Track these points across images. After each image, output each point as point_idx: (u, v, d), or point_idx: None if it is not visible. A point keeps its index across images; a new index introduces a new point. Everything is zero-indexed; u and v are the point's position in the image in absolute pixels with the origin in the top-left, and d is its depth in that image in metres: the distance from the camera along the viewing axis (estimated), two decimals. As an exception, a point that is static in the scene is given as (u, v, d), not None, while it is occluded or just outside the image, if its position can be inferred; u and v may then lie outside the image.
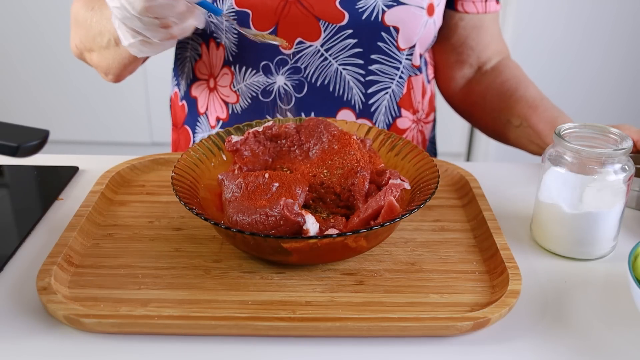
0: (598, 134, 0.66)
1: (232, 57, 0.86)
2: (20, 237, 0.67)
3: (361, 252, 0.62)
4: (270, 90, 0.87)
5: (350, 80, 0.87)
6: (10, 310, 0.56)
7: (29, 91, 2.22)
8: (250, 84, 0.87)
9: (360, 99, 0.88)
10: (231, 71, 0.87)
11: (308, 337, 0.54)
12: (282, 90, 0.87)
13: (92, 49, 0.81)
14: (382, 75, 0.88)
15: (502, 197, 0.77)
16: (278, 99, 0.87)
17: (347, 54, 0.85)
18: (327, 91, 0.87)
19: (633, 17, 2.04)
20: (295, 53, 0.84)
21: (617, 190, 0.63)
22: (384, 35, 0.85)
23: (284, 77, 0.86)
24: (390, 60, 0.87)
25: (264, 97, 0.87)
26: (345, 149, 0.67)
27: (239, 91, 0.88)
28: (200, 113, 0.93)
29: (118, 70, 0.82)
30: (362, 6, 0.82)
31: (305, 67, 0.85)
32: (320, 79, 0.86)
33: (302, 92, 0.87)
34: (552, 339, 0.55)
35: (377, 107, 0.90)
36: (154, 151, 0.90)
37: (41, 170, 0.81)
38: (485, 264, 0.63)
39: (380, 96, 0.89)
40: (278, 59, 0.85)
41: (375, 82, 0.88)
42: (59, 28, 2.12)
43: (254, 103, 0.88)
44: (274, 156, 0.71)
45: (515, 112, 0.90)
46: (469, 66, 0.97)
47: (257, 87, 0.87)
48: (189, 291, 0.58)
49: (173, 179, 0.63)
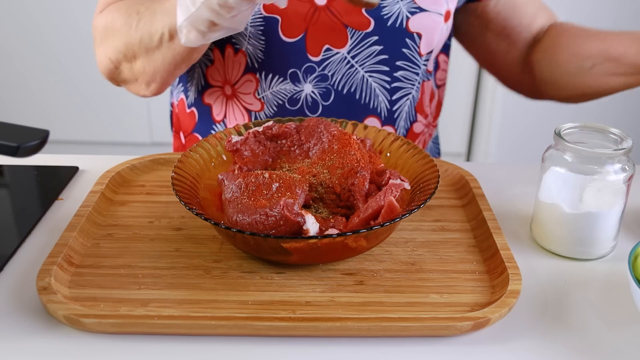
0: (598, 134, 0.66)
1: (257, 64, 0.85)
2: (20, 237, 0.67)
3: (361, 252, 0.62)
4: (298, 98, 0.86)
5: (377, 87, 0.87)
6: (10, 310, 0.56)
7: (29, 91, 2.22)
8: (276, 91, 0.85)
9: (385, 106, 0.88)
10: (256, 78, 0.86)
11: (308, 337, 0.54)
12: (309, 98, 0.86)
13: (137, 55, 0.77)
14: (405, 81, 0.88)
15: (502, 197, 0.77)
16: (305, 108, 0.86)
17: (373, 60, 0.85)
18: (353, 99, 0.87)
19: (633, 17, 2.03)
20: (323, 60, 0.83)
21: (617, 190, 0.63)
22: (408, 42, 0.85)
23: (311, 85, 0.85)
24: (412, 66, 0.88)
25: (290, 106, 0.86)
26: (345, 149, 0.67)
27: (264, 99, 0.86)
28: (217, 121, 0.91)
29: (166, 73, 0.78)
30: (387, 13, 0.82)
31: (332, 75, 0.84)
32: (347, 86, 0.85)
33: (329, 101, 0.86)
34: (552, 339, 0.55)
35: (400, 113, 0.90)
36: (154, 151, 0.90)
37: (41, 170, 0.81)
38: (485, 264, 0.63)
39: (402, 102, 0.89)
40: (306, 66, 0.84)
41: (399, 89, 0.88)
42: (59, 28, 2.12)
43: (280, 111, 0.87)
44: (274, 156, 0.71)
45: (582, 55, 0.86)
46: (523, 44, 0.94)
47: (283, 95, 0.86)
48: (189, 291, 0.58)
49: (173, 179, 0.63)
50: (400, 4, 0.82)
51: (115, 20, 0.78)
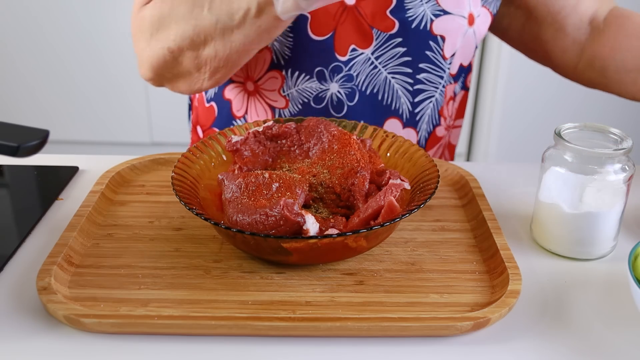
0: (598, 134, 0.66)
1: (283, 61, 0.84)
2: (20, 237, 0.67)
3: (361, 252, 0.62)
4: (323, 97, 0.85)
5: (399, 89, 0.87)
6: (10, 310, 0.56)
7: (29, 91, 2.22)
8: (302, 89, 0.85)
9: (407, 108, 0.88)
10: (281, 75, 0.85)
11: (308, 337, 0.54)
12: (335, 98, 0.86)
13: (209, 39, 0.70)
14: (429, 84, 0.88)
15: (502, 197, 0.77)
16: (330, 107, 0.86)
17: (396, 62, 0.85)
18: (375, 100, 0.87)
19: (633, 17, 2.03)
20: (349, 60, 0.83)
21: (617, 190, 0.63)
22: (432, 44, 0.85)
23: (337, 84, 0.85)
24: (436, 69, 0.87)
25: (315, 104, 0.86)
26: (345, 149, 0.67)
27: (289, 96, 0.86)
28: (237, 117, 0.91)
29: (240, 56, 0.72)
30: (412, 15, 0.82)
31: (357, 75, 0.84)
32: (370, 87, 0.86)
33: (354, 101, 0.86)
34: (552, 339, 0.55)
35: (422, 115, 0.90)
36: (154, 151, 0.90)
37: (41, 170, 0.81)
38: (485, 264, 0.63)
39: (425, 105, 0.89)
40: (333, 65, 0.83)
41: (422, 91, 0.88)
42: (60, 28, 2.12)
43: (304, 109, 0.87)
44: (274, 156, 0.71)
45: None
46: (574, 28, 0.89)
47: (309, 94, 0.85)
48: (189, 291, 0.58)
49: (173, 179, 0.63)
50: (425, 6, 0.82)
51: (176, 7, 0.72)
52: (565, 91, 2.14)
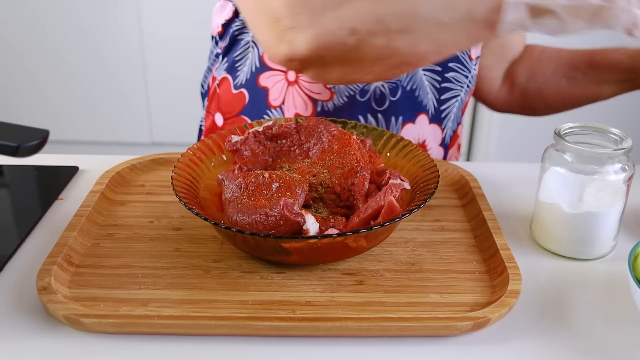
0: (598, 134, 0.66)
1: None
2: (20, 237, 0.67)
3: (361, 252, 0.62)
4: (367, 89, 0.86)
5: (428, 85, 0.88)
6: (10, 310, 0.56)
7: (29, 91, 2.22)
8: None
9: (433, 105, 0.90)
10: None
11: (308, 337, 0.54)
12: (377, 91, 0.86)
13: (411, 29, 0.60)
14: (455, 82, 0.90)
15: (502, 197, 0.77)
16: (372, 100, 0.87)
17: None
18: (412, 96, 0.88)
19: (633, 17, 2.03)
20: None
21: (617, 190, 0.63)
22: None
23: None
24: (463, 69, 0.90)
25: (360, 97, 0.87)
26: (345, 149, 0.67)
27: (334, 88, 0.86)
28: (273, 106, 0.89)
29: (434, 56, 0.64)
30: None
31: None
32: (410, 83, 0.87)
33: (396, 96, 0.87)
34: (552, 339, 0.55)
35: (448, 114, 0.92)
36: (154, 151, 0.90)
37: (41, 170, 0.81)
38: (485, 263, 0.63)
39: (451, 103, 0.91)
40: None
41: (448, 90, 0.90)
42: (60, 28, 2.12)
43: (349, 102, 0.87)
44: (274, 156, 0.71)
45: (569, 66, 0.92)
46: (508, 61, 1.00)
47: (356, 86, 0.86)
48: (189, 291, 0.58)
49: (173, 178, 0.63)
50: None
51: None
52: (565, 91, 2.13)
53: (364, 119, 0.88)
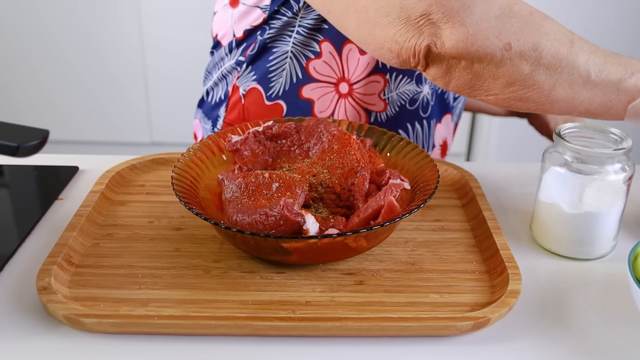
0: (598, 134, 0.66)
1: (389, 65, 0.79)
2: (20, 237, 0.67)
3: (361, 252, 0.62)
4: (416, 98, 0.88)
5: None
6: (10, 310, 0.56)
7: (29, 91, 2.22)
8: (402, 92, 0.87)
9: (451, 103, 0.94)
10: (384, 79, 0.85)
11: (308, 337, 0.54)
12: (424, 100, 0.88)
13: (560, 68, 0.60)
14: None
15: (502, 197, 0.77)
16: (420, 108, 0.88)
17: None
18: (442, 97, 0.91)
19: (633, 17, 2.04)
20: None
21: (617, 190, 0.63)
22: None
23: (428, 86, 0.87)
24: None
25: (409, 106, 0.88)
26: (345, 149, 0.67)
27: (388, 99, 0.87)
28: None
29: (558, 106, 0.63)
30: None
31: None
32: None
33: (433, 101, 0.89)
34: (552, 338, 0.55)
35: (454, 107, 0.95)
36: (154, 151, 0.90)
37: (41, 170, 0.81)
38: (485, 263, 0.63)
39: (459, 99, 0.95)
40: None
41: None
42: (60, 28, 2.13)
43: (400, 111, 0.88)
44: (274, 156, 0.71)
45: None
46: None
47: (407, 96, 0.87)
48: (189, 291, 0.58)
49: (173, 178, 0.63)
50: None
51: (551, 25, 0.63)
52: (565, 91, 2.13)
53: (412, 126, 0.90)
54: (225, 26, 0.91)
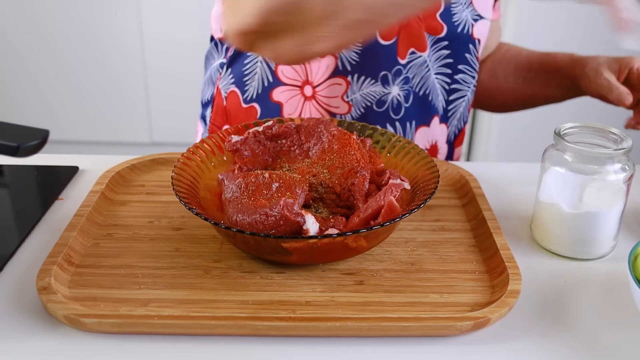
0: (598, 134, 0.66)
1: (349, 67, 0.85)
2: (20, 237, 0.67)
3: (361, 252, 0.62)
4: (385, 100, 0.87)
5: (439, 88, 0.91)
6: (10, 310, 0.56)
7: (29, 91, 2.22)
8: (366, 94, 0.87)
9: (442, 106, 0.93)
10: (346, 81, 0.86)
11: (308, 337, 0.54)
12: (395, 101, 0.88)
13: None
14: (464, 84, 0.93)
15: (502, 197, 0.77)
16: (390, 110, 0.88)
17: (440, 63, 0.89)
18: (426, 100, 0.90)
19: (633, 17, 2.03)
20: (408, 63, 0.86)
21: (617, 190, 0.63)
22: (471, 47, 0.90)
23: (397, 87, 0.87)
24: (471, 70, 0.93)
25: (377, 108, 0.88)
26: (345, 149, 0.67)
27: (352, 101, 0.87)
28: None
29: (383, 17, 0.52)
30: (457, 20, 0.87)
31: (412, 77, 0.87)
32: (423, 89, 0.89)
33: (409, 103, 0.89)
34: (552, 339, 0.55)
35: (454, 112, 0.95)
36: (154, 151, 0.90)
37: (41, 170, 0.81)
38: (485, 263, 0.63)
39: (458, 103, 0.94)
40: (395, 69, 0.85)
41: (456, 90, 0.93)
42: (60, 28, 2.12)
43: (366, 113, 0.88)
44: (274, 156, 0.71)
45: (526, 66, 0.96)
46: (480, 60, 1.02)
47: (372, 97, 0.87)
48: (189, 291, 0.58)
49: (173, 178, 0.63)
50: (466, 11, 0.87)
51: None
52: (565, 91, 2.13)
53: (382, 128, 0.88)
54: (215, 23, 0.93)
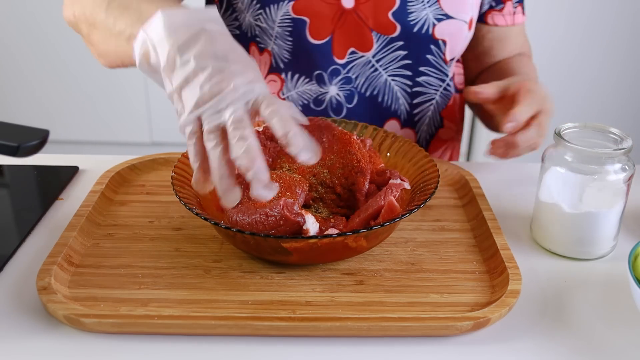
0: (598, 134, 0.66)
1: (282, 64, 0.85)
2: (20, 237, 0.67)
3: (361, 252, 0.62)
4: (322, 99, 0.86)
5: (398, 91, 0.88)
6: (10, 310, 0.56)
7: (29, 91, 2.22)
8: (302, 92, 0.86)
9: (405, 109, 0.89)
10: (280, 78, 0.86)
11: (308, 337, 0.54)
12: (334, 100, 0.86)
13: (97, 26, 0.67)
14: (428, 86, 0.89)
15: (502, 197, 0.77)
16: (329, 109, 0.87)
17: (397, 65, 0.86)
18: (375, 102, 0.88)
19: (633, 17, 2.03)
20: (348, 63, 0.84)
21: (617, 190, 0.63)
22: (433, 48, 0.86)
23: (336, 87, 0.86)
24: (437, 73, 0.89)
25: (315, 106, 0.87)
26: (345, 149, 0.67)
27: (288, 98, 0.87)
28: None
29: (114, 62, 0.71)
30: (414, 19, 0.83)
31: (356, 78, 0.85)
32: (370, 89, 0.87)
33: (353, 103, 0.87)
34: (552, 339, 0.55)
35: (421, 117, 0.91)
36: (154, 151, 0.89)
37: (41, 170, 0.81)
38: (485, 263, 0.63)
39: (425, 107, 0.90)
40: (332, 69, 0.84)
41: (421, 94, 0.89)
42: (60, 28, 2.12)
43: (304, 111, 0.87)
44: (274, 156, 0.71)
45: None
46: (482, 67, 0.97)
47: (309, 96, 0.86)
48: (189, 291, 0.58)
49: (173, 178, 0.63)
50: (427, 10, 0.83)
51: None
52: (566, 91, 2.14)
53: None
54: None
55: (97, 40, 0.70)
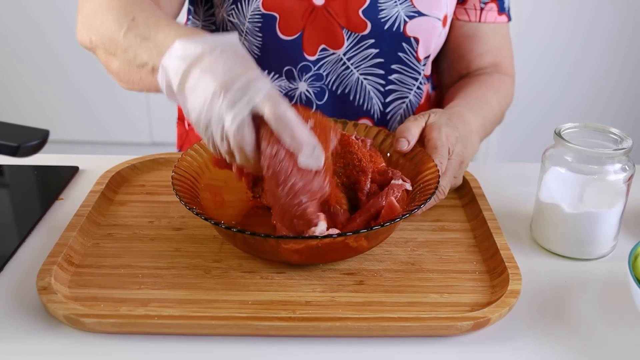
0: (598, 134, 0.66)
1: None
2: (20, 237, 0.67)
3: (361, 252, 0.62)
4: (292, 95, 0.86)
5: (371, 90, 0.87)
6: (10, 310, 0.56)
7: (29, 91, 2.22)
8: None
9: (378, 108, 0.89)
10: None
11: (308, 337, 0.54)
12: (303, 97, 0.86)
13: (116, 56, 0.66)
14: (401, 84, 0.88)
15: (502, 197, 0.77)
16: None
17: (369, 63, 0.85)
18: (347, 100, 0.87)
19: (633, 17, 2.04)
20: (318, 60, 0.84)
21: (617, 190, 0.63)
22: (405, 46, 0.85)
23: (306, 83, 0.85)
24: (409, 71, 0.87)
25: None
26: (346, 149, 0.67)
27: None
28: None
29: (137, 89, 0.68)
30: (385, 16, 0.82)
31: (327, 75, 0.85)
32: (341, 87, 0.86)
33: (323, 100, 0.87)
34: (552, 338, 0.55)
35: (393, 115, 0.90)
36: (154, 151, 0.89)
37: (41, 170, 0.81)
38: (486, 263, 0.63)
39: (397, 105, 0.89)
40: (301, 65, 0.84)
41: (393, 92, 0.88)
42: (59, 28, 2.12)
43: None
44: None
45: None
46: (457, 74, 0.95)
47: (279, 90, 0.86)
48: (189, 291, 0.58)
49: (173, 178, 0.63)
50: (399, 7, 0.82)
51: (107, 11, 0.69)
52: (566, 91, 2.14)
53: None
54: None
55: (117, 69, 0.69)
